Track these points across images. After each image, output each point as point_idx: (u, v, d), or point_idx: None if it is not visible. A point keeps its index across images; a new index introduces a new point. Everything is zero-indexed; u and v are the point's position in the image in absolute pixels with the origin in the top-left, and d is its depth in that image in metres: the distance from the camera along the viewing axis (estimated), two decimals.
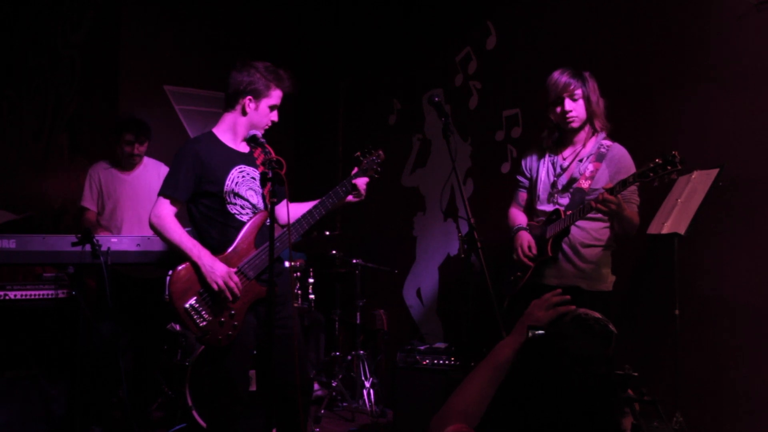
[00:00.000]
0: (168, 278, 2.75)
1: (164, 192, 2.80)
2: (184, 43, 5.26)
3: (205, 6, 5.38)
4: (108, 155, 4.29)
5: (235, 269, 2.76)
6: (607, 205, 2.67)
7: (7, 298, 3.40)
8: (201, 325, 2.71)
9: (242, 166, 2.89)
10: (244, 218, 2.86)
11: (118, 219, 4.19)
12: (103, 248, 3.33)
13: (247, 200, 2.88)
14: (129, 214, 4.20)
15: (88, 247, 3.29)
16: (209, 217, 2.84)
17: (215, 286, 2.69)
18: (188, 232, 2.83)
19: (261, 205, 2.92)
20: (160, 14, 5.19)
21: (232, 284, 2.72)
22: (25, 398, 3.43)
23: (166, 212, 2.77)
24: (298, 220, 2.92)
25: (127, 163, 4.21)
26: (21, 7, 4.83)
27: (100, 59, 5.02)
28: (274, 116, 2.93)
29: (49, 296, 3.50)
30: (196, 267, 2.72)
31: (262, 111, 2.86)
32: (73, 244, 3.32)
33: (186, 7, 5.30)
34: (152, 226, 2.79)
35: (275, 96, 2.90)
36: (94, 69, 5.00)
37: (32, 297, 3.47)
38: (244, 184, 2.88)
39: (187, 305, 2.70)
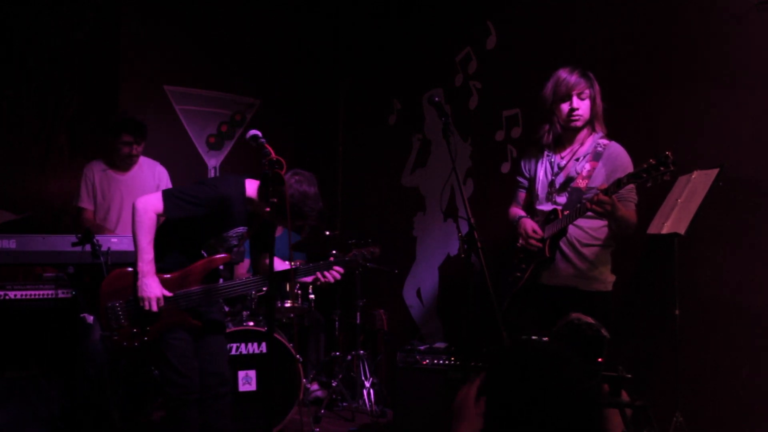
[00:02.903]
0: (111, 273, 2.87)
1: (167, 196, 2.81)
2: (184, 43, 5.26)
3: (205, 6, 5.38)
4: (104, 155, 4.28)
5: (171, 294, 2.82)
6: (602, 206, 2.68)
7: (7, 298, 3.40)
8: (114, 326, 2.80)
9: (240, 228, 2.95)
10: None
11: (112, 219, 4.18)
12: (103, 248, 3.33)
13: (220, 249, 2.97)
14: (124, 215, 4.19)
15: (88, 247, 3.29)
16: (177, 242, 2.91)
17: (144, 304, 2.75)
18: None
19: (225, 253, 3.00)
20: (160, 14, 5.18)
21: (155, 308, 2.78)
22: (25, 398, 3.42)
23: (152, 213, 2.79)
24: (264, 278, 2.96)
25: (123, 164, 4.21)
26: (21, 7, 4.82)
27: (100, 59, 5.01)
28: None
29: (49, 296, 3.50)
30: (136, 276, 2.78)
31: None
32: (73, 244, 3.32)
33: (186, 7, 5.30)
34: (135, 210, 2.78)
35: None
36: (94, 69, 5.00)
37: (32, 297, 3.46)
38: (229, 240, 2.97)
39: (110, 304, 2.80)
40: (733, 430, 3.11)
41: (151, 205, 2.79)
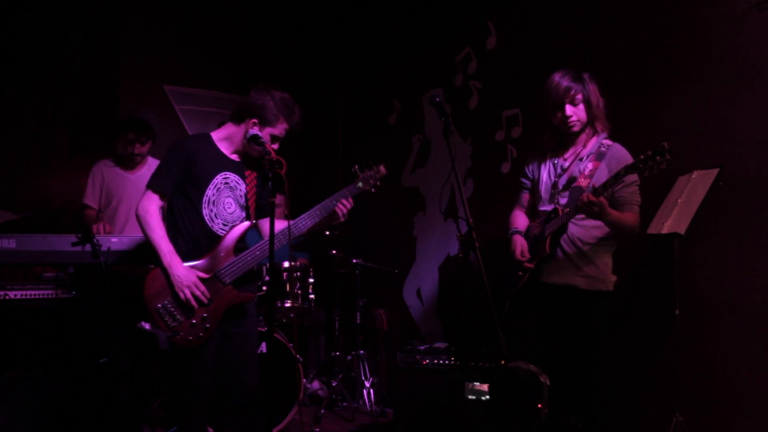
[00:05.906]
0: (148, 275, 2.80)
1: (153, 185, 2.85)
2: (184, 43, 5.26)
3: (205, 6, 5.38)
4: (112, 153, 4.30)
5: (210, 275, 2.79)
6: (590, 208, 2.68)
7: (7, 298, 3.40)
8: (172, 324, 2.74)
9: (228, 173, 2.92)
10: (215, 227, 2.88)
11: (120, 218, 4.19)
12: (103, 248, 3.33)
13: (222, 208, 2.89)
14: (133, 215, 4.19)
15: (88, 247, 3.29)
16: (182, 217, 2.88)
17: (182, 295, 2.73)
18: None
19: (237, 215, 2.94)
20: (160, 14, 5.19)
21: (198, 293, 2.75)
22: (25, 398, 3.42)
23: (154, 208, 2.82)
24: (283, 232, 2.88)
25: (128, 162, 4.22)
26: (21, 8, 4.83)
27: (100, 59, 5.02)
28: (274, 146, 2.94)
29: (49, 296, 3.49)
30: (165, 272, 2.76)
31: (263, 137, 2.86)
32: (73, 244, 3.31)
33: (186, 6, 5.30)
34: (138, 217, 2.83)
35: (280, 128, 2.96)
36: (94, 69, 5.01)
37: (32, 297, 3.46)
38: (225, 191, 2.90)
39: (159, 305, 2.74)
40: (733, 430, 3.11)
41: (145, 202, 2.83)
